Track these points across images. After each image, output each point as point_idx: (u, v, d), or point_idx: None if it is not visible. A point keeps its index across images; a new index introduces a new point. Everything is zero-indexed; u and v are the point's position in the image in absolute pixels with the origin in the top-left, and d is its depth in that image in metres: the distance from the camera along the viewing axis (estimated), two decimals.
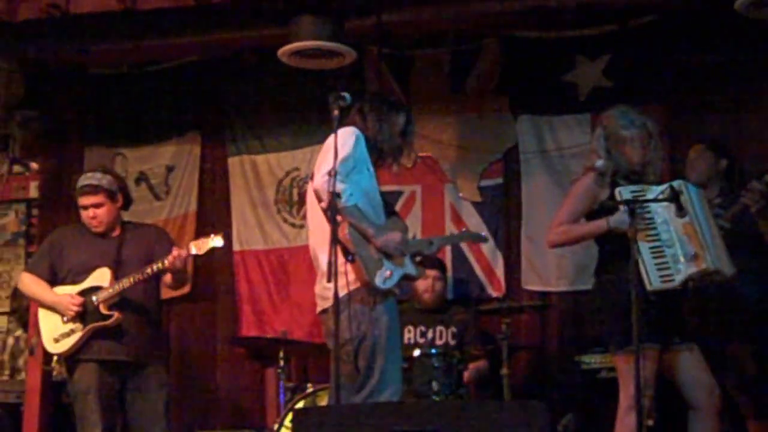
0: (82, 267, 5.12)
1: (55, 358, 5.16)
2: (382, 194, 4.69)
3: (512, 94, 6.51)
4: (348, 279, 4.23)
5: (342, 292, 4.18)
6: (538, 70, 6.44)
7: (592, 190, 4.63)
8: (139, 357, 5.09)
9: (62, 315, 5.04)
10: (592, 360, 5.56)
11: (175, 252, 4.93)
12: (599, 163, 4.63)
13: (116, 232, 5.24)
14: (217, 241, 5.00)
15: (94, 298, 5.03)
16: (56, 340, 5.06)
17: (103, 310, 5.01)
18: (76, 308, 5.01)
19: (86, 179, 5.19)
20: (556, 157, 6.38)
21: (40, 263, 5.22)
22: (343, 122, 4.38)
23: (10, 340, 6.24)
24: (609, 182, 4.59)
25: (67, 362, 5.08)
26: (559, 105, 6.42)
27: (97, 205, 5.15)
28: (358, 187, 4.38)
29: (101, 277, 5.07)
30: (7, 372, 6.18)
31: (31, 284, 5.18)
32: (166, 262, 4.93)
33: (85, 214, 5.17)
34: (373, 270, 4.35)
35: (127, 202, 5.33)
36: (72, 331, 5.04)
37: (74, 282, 5.11)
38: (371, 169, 4.56)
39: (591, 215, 4.65)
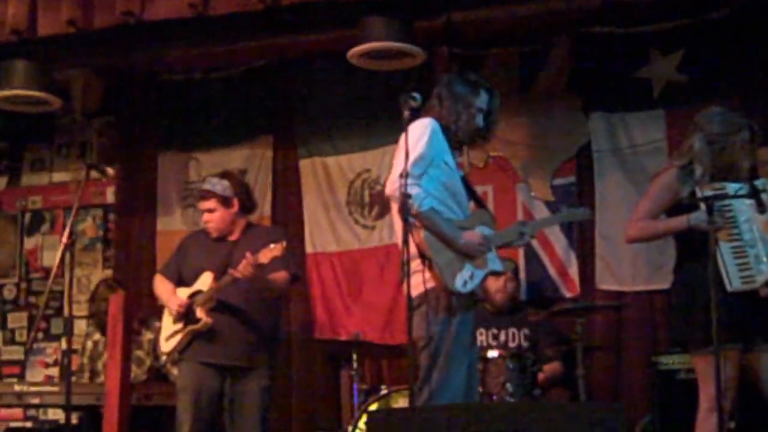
0: (195, 270, 5.22)
1: (163, 357, 5.39)
2: (467, 182, 4.61)
3: (584, 91, 6.44)
4: (425, 277, 4.20)
5: (417, 292, 4.18)
6: (610, 66, 6.37)
7: (673, 186, 4.52)
8: (238, 361, 5.12)
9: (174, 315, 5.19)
10: (671, 360, 5.45)
11: (244, 261, 4.94)
12: (698, 171, 4.46)
13: (234, 236, 5.30)
14: (276, 249, 4.95)
15: (194, 300, 5.13)
16: (167, 339, 5.23)
17: (198, 313, 5.09)
18: (177, 309, 5.13)
19: (204, 184, 5.31)
20: (629, 154, 6.30)
21: (170, 266, 5.40)
22: (412, 122, 4.28)
23: (89, 344, 6.34)
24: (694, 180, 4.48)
25: (178, 361, 5.23)
26: (632, 101, 6.33)
27: (209, 210, 5.24)
28: (436, 182, 4.30)
29: (204, 281, 5.16)
30: (87, 375, 6.27)
31: (158, 284, 5.35)
32: (232, 272, 4.95)
33: (202, 218, 5.31)
34: (452, 274, 4.25)
35: (247, 207, 5.37)
36: (176, 332, 5.17)
37: (189, 284, 5.23)
38: (451, 159, 4.43)
39: (671, 211, 4.56)
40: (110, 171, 6.16)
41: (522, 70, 6.56)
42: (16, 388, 5.78)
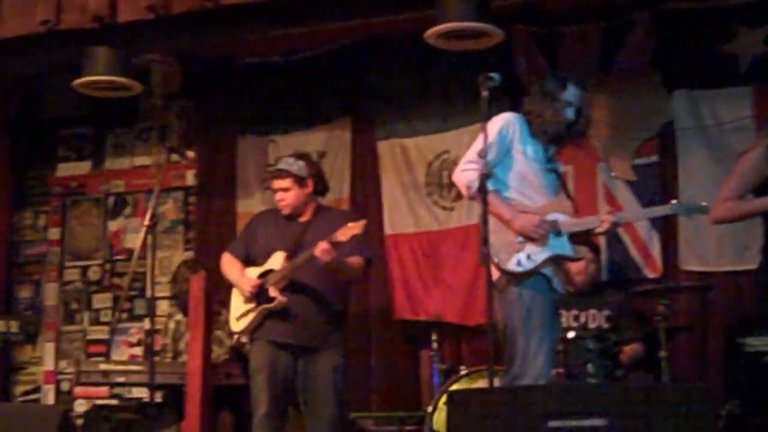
0: (265, 250, 5.23)
1: (235, 337, 5.39)
2: (560, 178, 4.71)
3: (666, 68, 6.32)
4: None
5: (497, 274, 4.37)
6: (694, 42, 6.24)
7: (762, 164, 4.41)
8: (311, 341, 5.14)
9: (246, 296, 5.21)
10: (758, 342, 5.31)
11: (320, 243, 4.97)
12: None
13: (306, 217, 5.31)
14: (356, 227, 4.96)
15: (266, 279, 5.15)
16: (238, 319, 5.25)
17: (272, 292, 5.11)
18: (250, 289, 5.14)
19: (279, 163, 5.35)
20: (714, 132, 6.17)
21: (238, 245, 5.42)
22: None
23: (172, 324, 6.42)
24: None
25: (250, 340, 5.25)
26: (718, 77, 6.20)
27: (284, 189, 5.26)
28: (510, 171, 4.51)
29: (276, 260, 5.17)
30: (169, 355, 6.36)
31: (226, 264, 5.36)
32: (316, 251, 4.96)
33: (276, 197, 5.31)
34: (508, 254, 4.36)
35: (321, 189, 5.40)
36: (248, 311, 5.18)
37: (259, 264, 5.24)
38: (531, 150, 4.60)
39: (759, 191, 4.45)
40: (190, 154, 6.29)
41: (602, 48, 6.45)
42: (102, 366, 5.89)
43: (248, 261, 5.33)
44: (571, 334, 5.36)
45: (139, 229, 6.29)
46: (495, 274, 4.41)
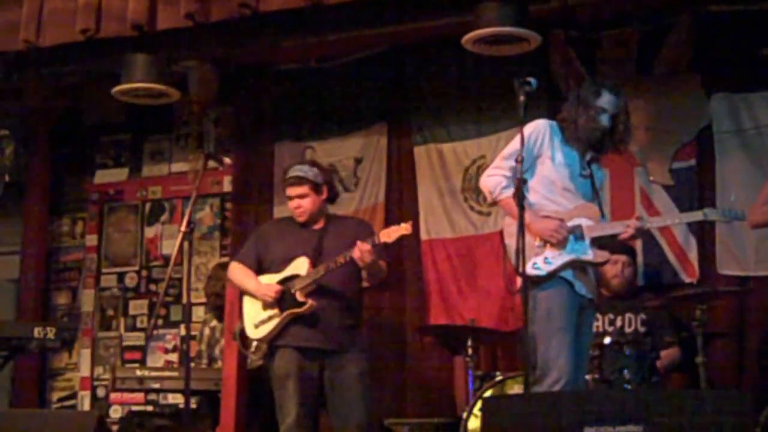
0: (284, 257, 5.23)
1: (254, 344, 5.29)
2: (593, 184, 4.73)
3: (705, 72, 6.25)
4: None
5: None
6: (732, 45, 6.16)
7: None
8: (337, 345, 5.14)
9: (262, 302, 5.17)
10: None
11: (360, 243, 4.97)
12: None
13: (319, 224, 5.34)
14: (405, 229, 5.02)
15: (290, 284, 5.14)
16: (256, 326, 5.20)
17: (299, 297, 5.10)
18: (273, 295, 5.13)
19: (294, 171, 5.33)
20: (753, 135, 6.08)
21: (248, 253, 5.38)
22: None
23: (207, 331, 6.45)
24: None
25: (269, 348, 5.20)
26: (757, 81, 6.12)
27: (301, 196, 5.27)
28: (539, 177, 4.57)
29: (300, 265, 5.17)
30: (204, 361, 6.39)
31: (238, 272, 5.34)
32: (355, 253, 4.97)
33: (291, 204, 5.32)
34: (527, 258, 4.32)
35: (333, 196, 5.44)
36: (270, 318, 5.16)
37: (276, 271, 5.23)
38: (563, 157, 4.63)
39: None
40: (227, 160, 6.28)
41: (640, 51, 6.40)
42: (138, 372, 5.93)
43: (259, 270, 5.31)
44: (607, 340, 5.31)
45: (176, 235, 6.30)
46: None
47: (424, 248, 6.81)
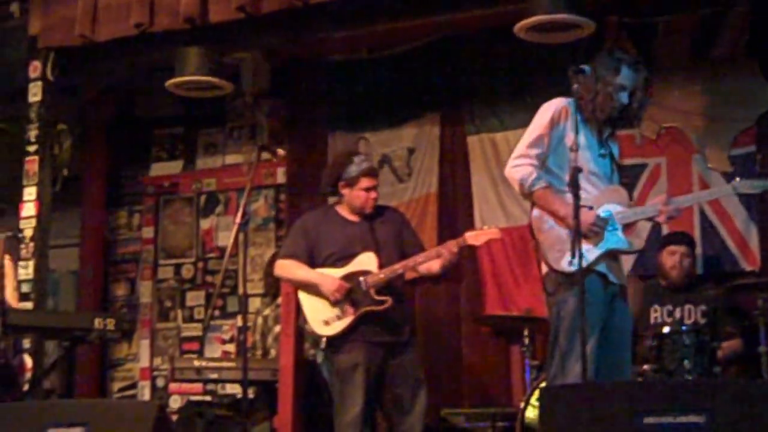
0: (343, 252, 5.21)
1: (323, 341, 5.21)
2: (614, 162, 4.57)
3: (764, 56, 6.16)
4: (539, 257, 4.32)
5: (544, 270, 4.38)
6: None
7: None
8: (401, 337, 5.18)
9: (328, 298, 5.12)
10: None
11: (450, 244, 5.02)
12: None
13: (362, 215, 5.34)
14: (494, 233, 5.00)
15: (362, 281, 5.13)
16: (326, 323, 5.14)
17: (374, 295, 5.11)
18: (343, 292, 5.11)
19: (368, 162, 5.34)
20: None
21: (299, 248, 5.29)
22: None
23: (260, 320, 6.49)
24: None
25: (332, 342, 5.15)
26: None
27: (376, 188, 5.29)
28: (561, 161, 4.34)
29: (368, 261, 5.16)
30: (259, 351, 6.42)
31: (293, 267, 5.26)
32: (445, 253, 4.98)
33: (366, 196, 5.26)
34: (559, 253, 4.28)
35: None
36: (343, 314, 5.13)
37: (335, 266, 5.21)
38: (585, 138, 4.44)
39: None
40: (280, 152, 6.33)
41: (696, 37, 6.32)
42: (196, 363, 5.98)
43: (312, 264, 5.26)
44: (666, 330, 5.25)
45: (231, 227, 6.33)
46: (543, 271, 4.39)
47: None
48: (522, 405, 5.55)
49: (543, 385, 5.47)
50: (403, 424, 5.10)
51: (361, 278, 5.13)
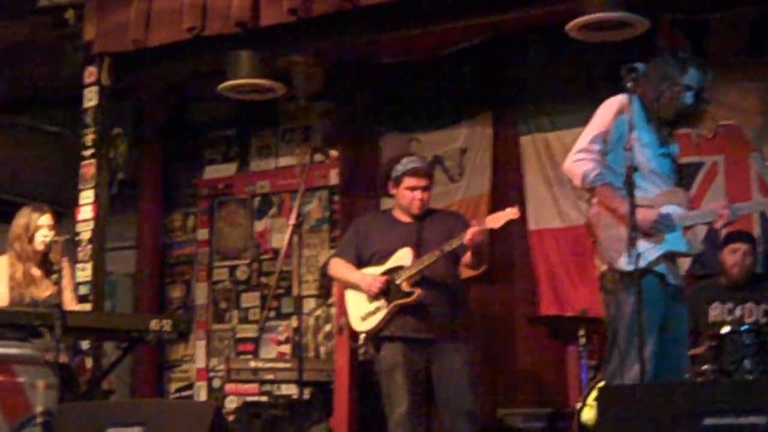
0: (385, 249, 5.22)
1: (361, 337, 5.28)
2: (674, 162, 4.52)
3: None
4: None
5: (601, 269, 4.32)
6: None
7: None
8: (442, 335, 5.13)
9: (367, 294, 5.17)
10: None
11: (469, 230, 4.96)
12: None
13: (414, 216, 5.35)
14: (512, 213, 4.98)
15: (395, 275, 5.14)
16: (363, 319, 5.19)
17: (406, 287, 5.11)
18: (378, 286, 5.12)
19: (415, 162, 5.29)
20: None
21: (348, 248, 5.36)
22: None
23: (312, 321, 6.52)
24: None
25: (374, 340, 5.19)
26: None
27: (425, 188, 5.26)
28: (622, 159, 4.23)
29: (403, 256, 5.16)
30: (312, 353, 6.45)
31: (339, 267, 5.33)
32: (465, 237, 4.96)
33: (411, 195, 5.23)
34: (618, 252, 4.21)
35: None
36: (377, 309, 5.15)
37: (378, 264, 5.22)
38: (647, 136, 4.41)
39: None
40: (333, 153, 6.35)
41: (752, 33, 6.24)
42: (252, 364, 6.03)
43: (359, 264, 5.29)
44: (725, 329, 5.18)
45: (285, 228, 6.38)
46: (600, 269, 4.37)
47: (532, 239, 6.78)
48: (579, 405, 5.52)
49: (600, 385, 5.43)
50: (455, 425, 5.08)
51: (395, 273, 5.14)
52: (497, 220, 4.95)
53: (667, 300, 4.38)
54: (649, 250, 4.27)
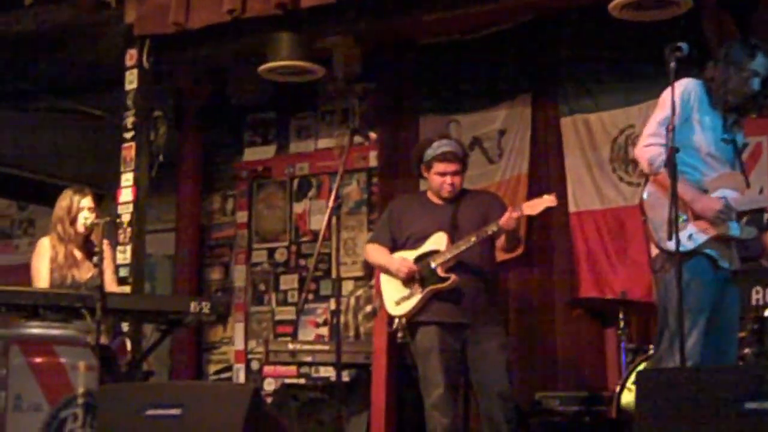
0: (420, 233, 5.21)
1: (396, 320, 5.28)
2: (736, 149, 4.50)
3: None
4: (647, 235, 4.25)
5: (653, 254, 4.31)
6: None
7: None
8: (477, 319, 5.13)
9: (402, 279, 5.16)
10: None
11: (508, 213, 4.94)
12: None
13: (452, 200, 5.32)
14: (550, 201, 4.96)
15: (431, 261, 5.13)
16: (397, 303, 5.20)
17: (441, 273, 5.09)
18: (405, 271, 5.13)
19: (445, 146, 5.25)
20: None
21: (382, 232, 5.38)
22: (679, 74, 4.21)
23: (352, 301, 6.51)
24: None
25: (409, 324, 5.19)
26: None
27: (455, 173, 5.23)
28: (684, 143, 4.22)
29: (438, 241, 5.15)
30: (351, 333, 6.44)
31: (374, 252, 5.35)
32: (499, 222, 4.94)
33: (441, 180, 5.22)
34: (668, 233, 4.14)
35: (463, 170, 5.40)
36: (411, 294, 5.15)
37: (413, 247, 5.22)
38: (710, 121, 4.39)
39: None
40: (372, 135, 6.33)
41: None
42: (290, 346, 6.02)
43: (394, 247, 5.30)
44: (767, 312, 5.12)
45: (324, 210, 6.39)
46: (653, 251, 4.33)
47: (572, 221, 6.73)
48: (618, 389, 5.48)
49: (640, 368, 5.40)
50: (488, 409, 5.06)
51: (430, 257, 5.13)
52: (534, 206, 4.93)
53: (719, 283, 4.35)
54: (699, 233, 4.27)
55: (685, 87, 4.38)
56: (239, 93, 8.08)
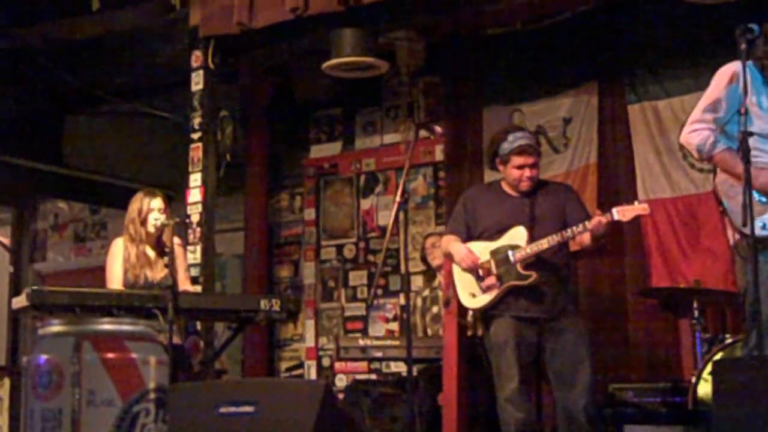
0: (497, 226, 5.18)
1: (470, 313, 5.26)
2: None
3: None
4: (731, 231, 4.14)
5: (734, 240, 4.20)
6: None
7: None
8: (553, 313, 5.09)
9: (478, 272, 5.13)
10: None
11: (597, 218, 4.89)
12: None
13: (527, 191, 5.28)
14: (642, 209, 4.90)
15: (510, 255, 5.08)
16: (473, 296, 5.17)
17: (521, 269, 5.06)
18: (467, 263, 5.11)
19: (522, 139, 5.20)
20: None
21: (458, 224, 5.34)
22: (749, 57, 4.12)
23: (419, 301, 6.50)
24: None
25: (483, 317, 5.16)
26: None
27: (533, 166, 5.19)
28: (738, 127, 4.09)
29: (518, 235, 5.11)
30: (420, 333, 6.43)
31: (451, 244, 5.30)
32: (588, 226, 4.89)
33: (520, 173, 5.17)
34: (749, 217, 4.02)
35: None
36: (489, 288, 5.12)
37: (489, 239, 5.19)
38: (765, 101, 4.25)
39: None
40: (438, 129, 6.31)
41: None
42: (361, 342, 6.03)
43: (469, 238, 5.26)
44: None
45: (391, 206, 6.38)
46: (731, 239, 4.24)
47: None
48: (693, 379, 5.39)
49: (716, 358, 5.30)
50: (567, 400, 5.01)
51: (510, 252, 5.08)
52: (626, 213, 4.89)
53: None
54: None
55: (733, 71, 4.24)
56: (304, 90, 8.10)
